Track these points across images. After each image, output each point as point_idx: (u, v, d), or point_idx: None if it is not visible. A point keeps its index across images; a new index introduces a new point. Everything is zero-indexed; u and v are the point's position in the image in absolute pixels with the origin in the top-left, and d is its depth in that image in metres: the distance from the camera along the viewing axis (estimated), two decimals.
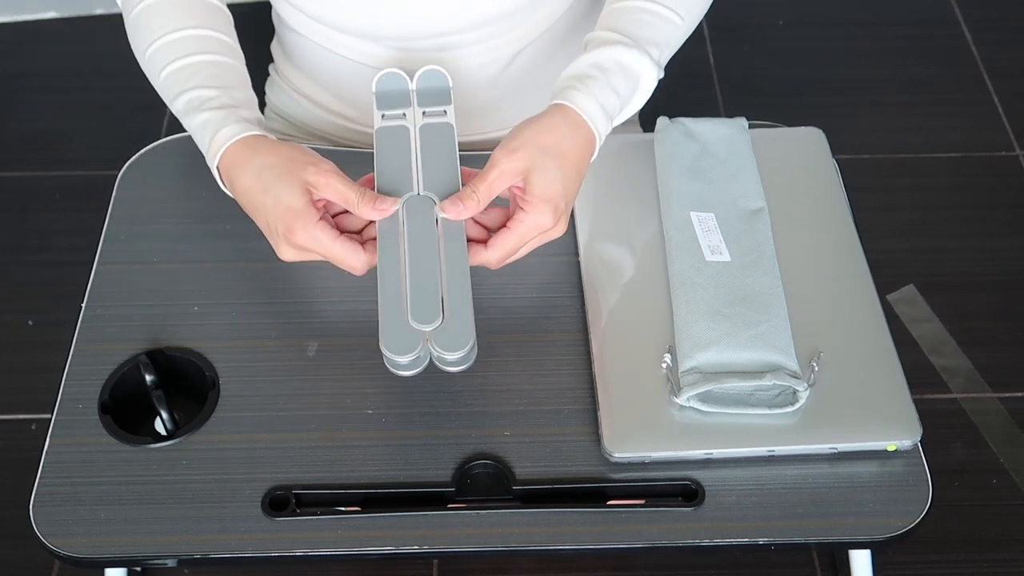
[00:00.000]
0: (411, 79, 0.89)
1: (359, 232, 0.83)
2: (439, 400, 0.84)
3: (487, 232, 0.83)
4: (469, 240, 0.81)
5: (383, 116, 0.88)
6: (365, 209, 0.80)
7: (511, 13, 0.96)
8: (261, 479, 0.80)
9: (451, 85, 0.89)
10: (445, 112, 0.88)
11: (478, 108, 1.03)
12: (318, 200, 0.80)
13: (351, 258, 0.80)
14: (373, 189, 0.83)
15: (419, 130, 0.86)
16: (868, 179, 1.74)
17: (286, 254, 0.81)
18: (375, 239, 0.81)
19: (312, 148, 0.85)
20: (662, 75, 0.88)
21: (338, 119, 1.08)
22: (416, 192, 0.82)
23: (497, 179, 0.80)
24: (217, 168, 0.83)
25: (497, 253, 0.81)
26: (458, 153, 0.84)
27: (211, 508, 0.79)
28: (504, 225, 0.82)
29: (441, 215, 0.80)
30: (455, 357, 0.77)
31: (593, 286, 0.90)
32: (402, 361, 0.76)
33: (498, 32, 0.98)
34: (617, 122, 0.87)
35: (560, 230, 0.82)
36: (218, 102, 0.84)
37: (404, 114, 0.88)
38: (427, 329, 0.77)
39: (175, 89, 0.87)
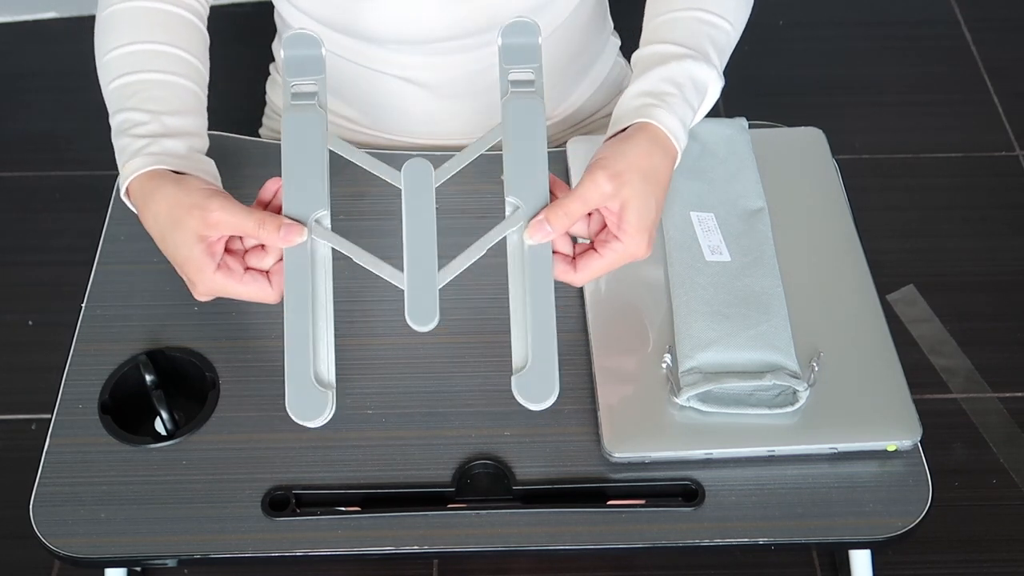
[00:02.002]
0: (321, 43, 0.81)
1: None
2: (439, 400, 0.84)
3: (570, 238, 0.81)
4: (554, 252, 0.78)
5: (292, 85, 0.80)
6: (270, 238, 0.76)
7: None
8: (261, 479, 0.80)
9: (540, 41, 0.81)
10: (533, 78, 0.80)
11: (483, 111, 1.03)
12: (215, 242, 0.78)
13: (261, 295, 0.79)
14: (275, 199, 0.80)
15: (505, 104, 0.79)
16: (868, 179, 1.74)
17: (199, 298, 0.80)
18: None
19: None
20: (724, 83, 0.87)
21: (339, 120, 1.08)
22: (325, 210, 0.76)
23: (596, 202, 0.78)
24: (127, 196, 0.82)
25: (584, 276, 0.80)
26: (545, 143, 0.79)
27: (211, 508, 0.79)
28: (588, 247, 0.80)
29: (528, 241, 0.77)
30: (538, 408, 0.75)
31: (593, 286, 0.90)
32: (311, 427, 0.75)
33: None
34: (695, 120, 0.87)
35: (648, 254, 0.80)
36: (144, 129, 0.83)
37: (315, 84, 0.80)
38: (423, 329, 0.75)
39: (115, 106, 0.85)
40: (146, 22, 0.88)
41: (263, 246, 0.79)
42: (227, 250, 0.79)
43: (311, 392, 0.75)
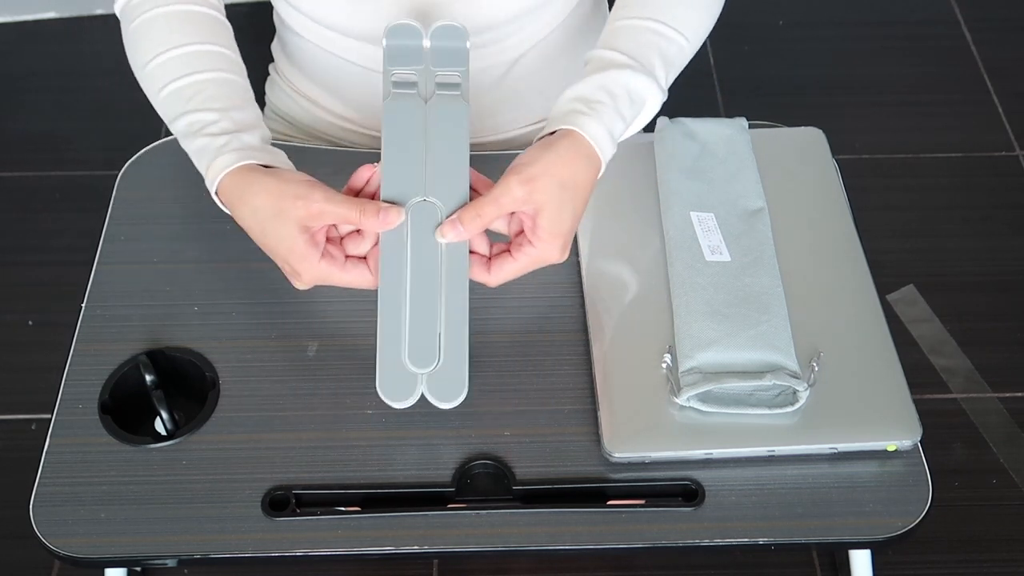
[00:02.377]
0: (425, 34, 0.84)
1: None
2: None
3: (487, 239, 0.83)
4: (471, 252, 0.81)
5: (393, 74, 0.83)
6: (370, 224, 0.79)
7: (513, 18, 0.96)
8: (261, 479, 0.80)
9: (469, 45, 0.84)
10: (459, 81, 0.83)
11: (478, 112, 1.03)
12: (318, 231, 0.79)
13: (362, 282, 0.81)
14: (368, 184, 0.82)
15: (429, 107, 0.82)
16: (868, 179, 1.74)
17: (300, 287, 0.82)
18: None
19: (314, 147, 0.84)
20: (665, 98, 0.87)
21: (338, 120, 1.08)
22: (422, 196, 0.80)
23: (508, 206, 0.79)
24: (217, 195, 0.83)
25: (497, 278, 0.82)
26: (468, 145, 0.82)
27: (211, 508, 0.79)
28: (505, 249, 0.82)
29: (440, 239, 0.79)
30: (445, 407, 0.79)
31: (593, 286, 0.90)
32: (397, 407, 0.78)
33: (500, 37, 0.98)
34: (624, 135, 0.87)
35: (563, 259, 0.81)
36: (217, 127, 0.83)
37: (415, 74, 0.83)
38: (422, 372, 0.78)
39: (175, 110, 0.86)
40: (178, 25, 0.89)
41: (359, 232, 0.81)
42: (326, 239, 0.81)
43: (401, 374, 0.78)
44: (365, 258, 0.82)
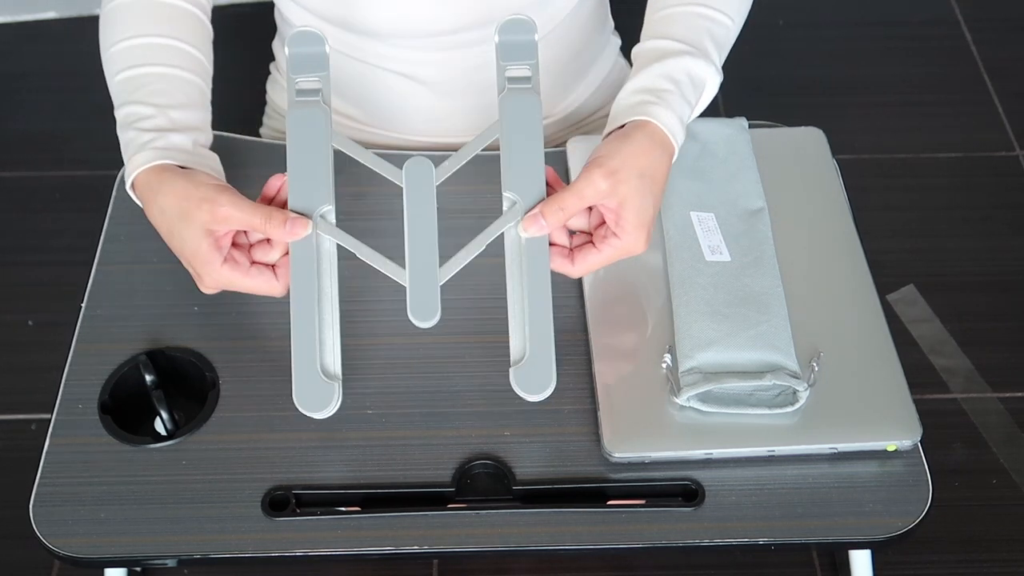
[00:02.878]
0: (326, 47, 0.82)
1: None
2: (439, 400, 0.84)
3: (567, 231, 0.82)
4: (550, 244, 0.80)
5: (297, 82, 0.82)
6: (276, 233, 0.78)
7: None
8: (261, 479, 0.80)
9: (537, 39, 0.83)
10: (529, 74, 0.82)
11: (482, 109, 1.03)
12: (223, 236, 0.79)
13: (267, 289, 0.80)
14: (279, 194, 0.81)
15: (502, 101, 0.81)
16: (868, 179, 1.74)
17: (204, 291, 0.81)
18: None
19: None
20: (722, 79, 0.88)
21: (339, 118, 1.08)
22: (330, 205, 0.78)
23: (591, 199, 0.79)
24: (131, 189, 0.83)
25: (581, 269, 0.81)
26: (542, 138, 0.80)
27: (211, 508, 0.79)
28: (587, 240, 0.82)
29: (523, 234, 0.79)
30: (536, 399, 0.77)
31: (593, 286, 0.90)
32: (317, 418, 0.77)
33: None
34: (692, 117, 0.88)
35: (645, 249, 0.81)
36: (150, 123, 0.83)
37: (319, 81, 0.81)
38: (425, 325, 0.76)
39: (120, 99, 0.86)
40: (150, 15, 0.89)
41: (269, 240, 0.80)
42: (233, 244, 0.80)
43: (317, 384, 0.76)
44: (274, 266, 0.81)
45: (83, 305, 0.91)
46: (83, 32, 1.97)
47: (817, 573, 1.31)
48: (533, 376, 0.77)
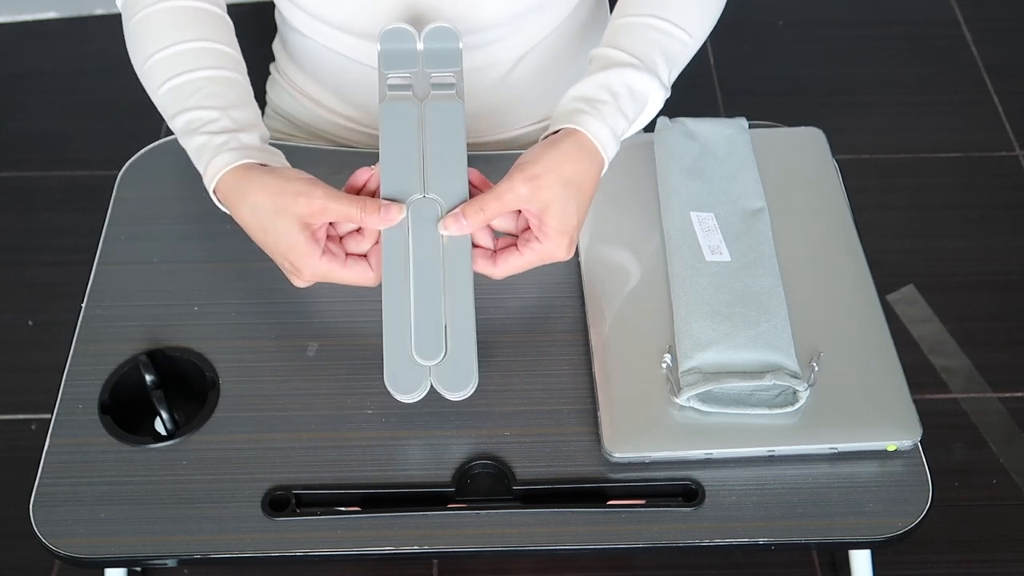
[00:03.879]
0: (419, 36, 0.86)
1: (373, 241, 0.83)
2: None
3: (491, 233, 0.83)
4: (473, 246, 0.81)
5: (388, 78, 0.85)
6: (371, 220, 0.79)
7: (514, 17, 0.96)
8: (261, 479, 0.80)
9: (462, 46, 0.86)
10: (453, 81, 0.84)
11: (481, 112, 1.03)
12: (319, 229, 0.80)
13: (363, 279, 0.81)
14: (367, 185, 0.83)
15: (425, 107, 0.83)
16: (868, 179, 1.74)
17: (300, 284, 0.82)
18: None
19: (315, 147, 0.84)
20: (668, 95, 0.88)
21: (340, 119, 1.08)
22: (422, 194, 0.81)
23: (512, 203, 0.80)
24: (215, 193, 0.83)
25: (503, 271, 0.82)
26: (465, 142, 0.82)
27: (211, 508, 0.79)
28: (512, 243, 0.82)
29: (443, 232, 0.80)
30: (456, 397, 0.79)
31: (593, 286, 0.90)
32: (406, 400, 0.79)
33: (501, 36, 0.98)
34: (627, 132, 0.87)
35: (568, 256, 0.82)
36: (217, 125, 0.83)
37: (410, 77, 0.85)
38: (429, 365, 0.78)
39: (174, 107, 0.86)
40: (180, 22, 0.89)
41: (359, 231, 0.82)
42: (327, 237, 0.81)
43: (409, 367, 0.78)
44: (366, 256, 0.82)
45: (83, 305, 0.91)
46: (83, 32, 1.97)
47: (817, 573, 1.31)
48: (454, 374, 0.78)
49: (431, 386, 0.79)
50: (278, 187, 0.79)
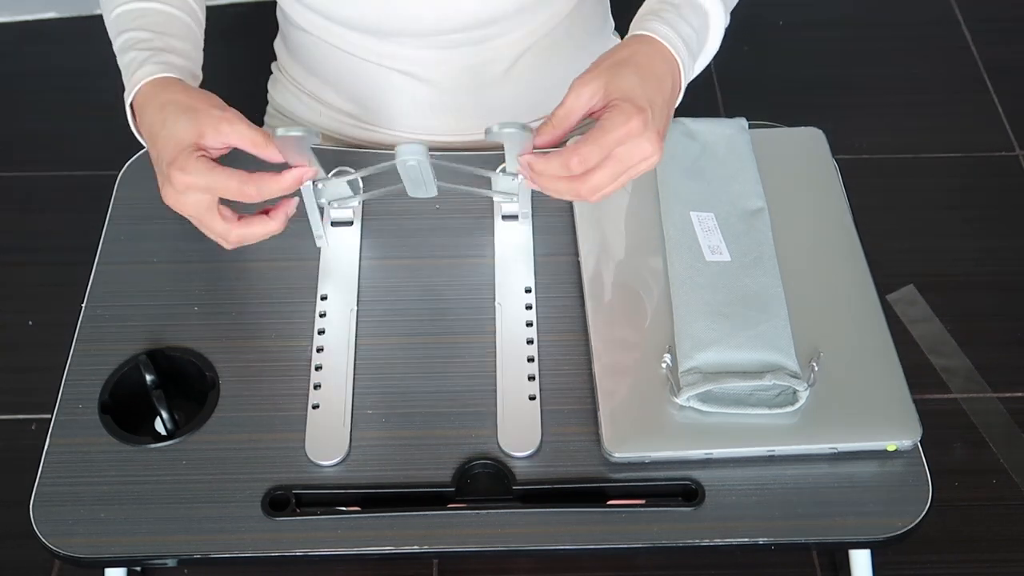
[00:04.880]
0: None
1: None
2: (439, 400, 0.84)
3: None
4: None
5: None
6: (271, 151, 0.78)
7: (519, 11, 0.96)
8: (261, 479, 0.80)
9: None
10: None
11: (483, 107, 1.03)
12: (211, 151, 0.78)
13: (233, 188, 0.77)
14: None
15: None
16: (868, 179, 1.74)
17: (168, 194, 0.78)
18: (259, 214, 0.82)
19: (318, 145, 0.83)
20: (728, 21, 0.86)
21: (343, 116, 1.08)
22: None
23: (573, 100, 0.76)
24: (131, 106, 0.83)
25: (575, 157, 0.74)
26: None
27: (211, 508, 0.79)
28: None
29: (528, 166, 0.77)
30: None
31: (593, 286, 0.90)
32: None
33: (504, 31, 0.98)
34: (699, 63, 0.86)
35: (655, 150, 0.76)
36: (148, 44, 0.84)
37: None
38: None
39: (117, 29, 0.87)
40: None
41: (265, 212, 0.82)
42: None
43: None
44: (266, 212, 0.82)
45: (83, 305, 0.91)
46: (83, 32, 1.97)
47: (817, 573, 1.31)
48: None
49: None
50: (198, 95, 0.79)
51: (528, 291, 0.90)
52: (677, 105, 0.84)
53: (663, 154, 0.92)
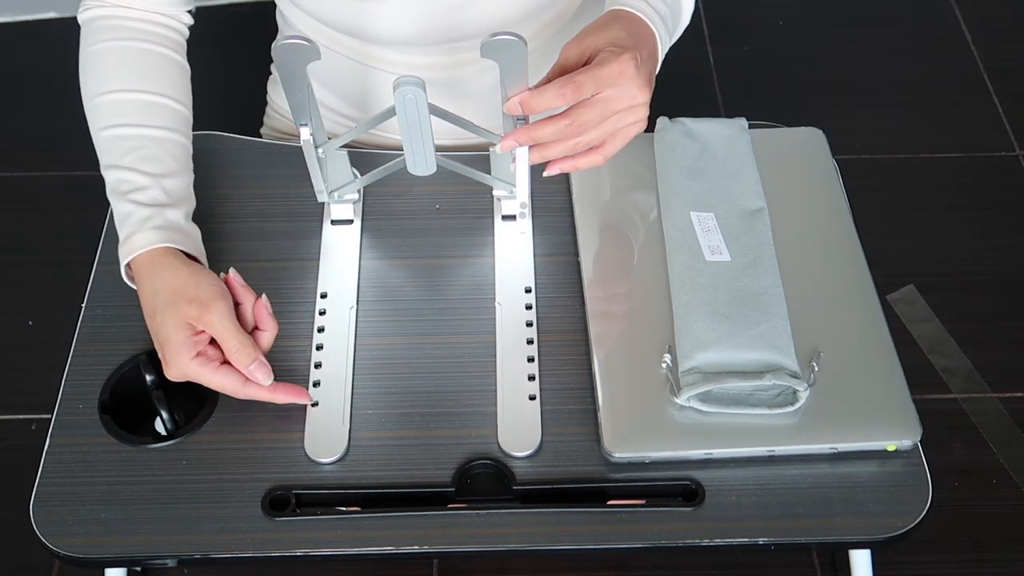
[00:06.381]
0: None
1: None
2: (439, 400, 0.84)
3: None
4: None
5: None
6: (238, 362, 0.80)
7: (522, 19, 0.96)
8: (261, 479, 0.80)
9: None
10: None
11: (484, 113, 1.03)
12: (200, 333, 0.80)
13: (230, 388, 0.81)
14: (243, 316, 0.83)
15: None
16: (868, 179, 1.74)
17: (170, 377, 0.81)
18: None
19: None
20: None
21: (341, 119, 1.08)
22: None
23: (564, 61, 0.77)
24: (126, 266, 0.84)
25: (570, 84, 0.75)
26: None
27: (211, 508, 0.79)
28: None
29: (509, 113, 0.77)
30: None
31: (593, 286, 0.90)
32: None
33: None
34: (673, 33, 0.86)
35: (643, 98, 0.77)
36: (146, 195, 0.85)
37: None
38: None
39: (109, 158, 0.88)
40: (136, 67, 0.90)
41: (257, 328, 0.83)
42: (211, 342, 0.81)
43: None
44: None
45: (83, 305, 0.91)
46: None
47: (817, 573, 1.31)
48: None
49: None
50: (183, 284, 0.81)
51: (528, 291, 0.90)
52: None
53: (663, 152, 0.92)
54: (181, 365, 0.79)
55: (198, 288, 0.81)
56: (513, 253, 0.93)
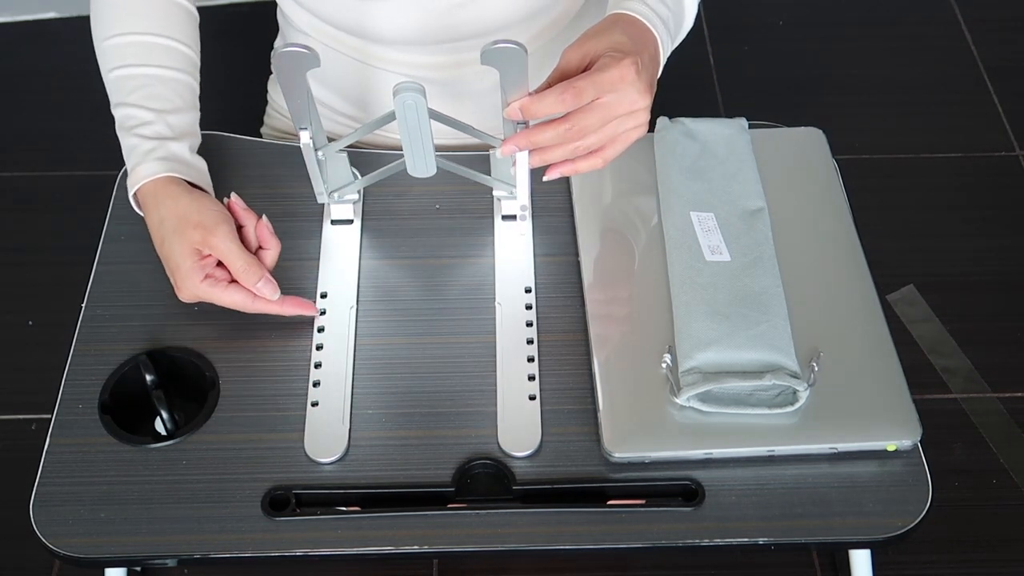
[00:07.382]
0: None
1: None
2: (439, 400, 0.84)
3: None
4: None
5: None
6: (247, 281, 0.85)
7: (523, 20, 0.96)
8: (261, 479, 0.80)
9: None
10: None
11: (484, 113, 1.03)
12: (207, 257, 0.85)
13: (241, 304, 0.86)
14: (246, 237, 0.87)
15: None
16: (868, 179, 1.74)
17: (181, 299, 0.86)
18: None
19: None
20: None
21: (342, 119, 1.08)
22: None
23: (565, 65, 0.77)
24: (134, 196, 0.88)
25: (570, 90, 0.75)
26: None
27: (211, 508, 0.79)
28: None
29: (509, 118, 0.78)
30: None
31: (593, 287, 0.90)
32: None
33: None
34: (676, 37, 0.86)
35: (643, 104, 0.77)
36: (150, 129, 0.88)
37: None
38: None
39: (117, 97, 0.91)
40: (139, 11, 0.92)
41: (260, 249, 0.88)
42: (219, 263, 0.86)
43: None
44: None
45: (83, 305, 0.91)
46: (83, 32, 1.95)
47: (817, 573, 1.31)
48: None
49: None
50: (187, 211, 0.85)
51: (528, 291, 0.90)
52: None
53: (663, 152, 0.91)
54: (192, 288, 0.84)
55: (201, 214, 0.84)
56: (513, 253, 0.93)
